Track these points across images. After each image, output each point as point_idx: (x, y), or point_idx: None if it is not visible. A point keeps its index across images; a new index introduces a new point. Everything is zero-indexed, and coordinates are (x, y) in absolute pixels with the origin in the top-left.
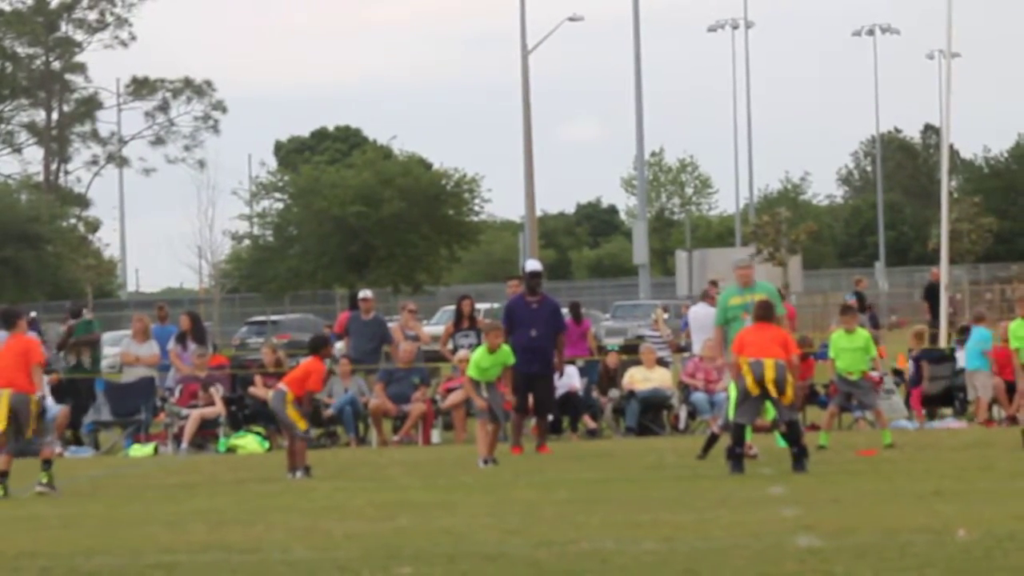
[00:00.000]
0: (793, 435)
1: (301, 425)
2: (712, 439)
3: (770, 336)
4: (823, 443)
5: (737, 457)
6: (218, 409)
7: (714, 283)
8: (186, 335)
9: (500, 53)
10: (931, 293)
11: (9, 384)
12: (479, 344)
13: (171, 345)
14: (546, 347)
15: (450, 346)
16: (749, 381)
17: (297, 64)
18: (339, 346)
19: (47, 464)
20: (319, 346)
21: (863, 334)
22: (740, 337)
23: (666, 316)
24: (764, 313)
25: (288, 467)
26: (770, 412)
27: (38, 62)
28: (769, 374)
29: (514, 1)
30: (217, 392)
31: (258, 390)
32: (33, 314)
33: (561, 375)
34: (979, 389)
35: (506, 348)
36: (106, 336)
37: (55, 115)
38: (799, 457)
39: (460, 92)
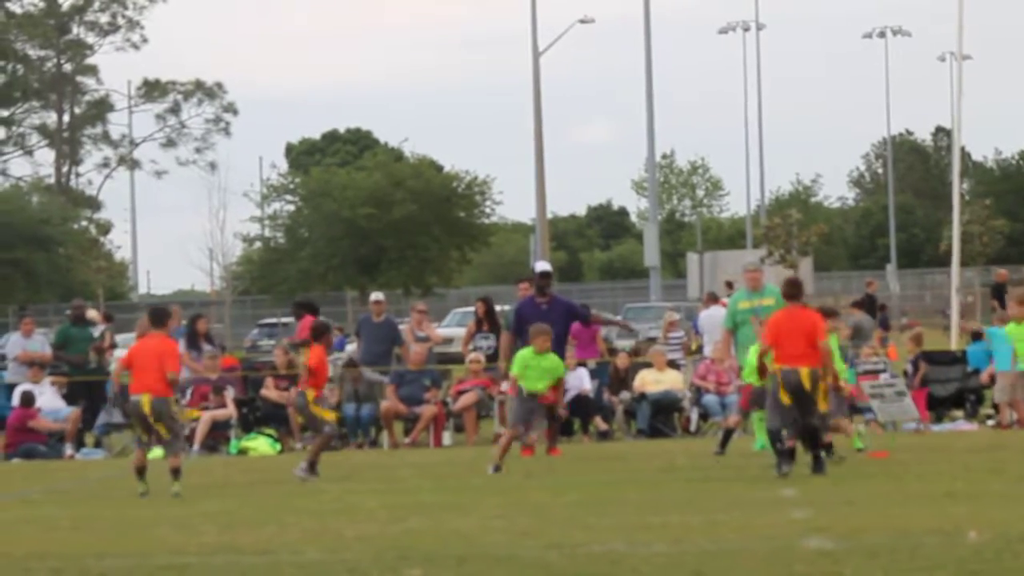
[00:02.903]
0: (813, 439)
1: (328, 417)
2: (728, 434)
3: (803, 333)
4: (859, 446)
5: (785, 453)
6: (229, 411)
7: (729, 284)
8: (199, 338)
9: (511, 55)
10: (998, 292)
11: (148, 389)
12: (496, 345)
13: (182, 348)
14: (557, 347)
15: (471, 347)
16: (783, 393)
17: (308, 66)
18: (350, 348)
19: (176, 473)
20: (321, 333)
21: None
22: (775, 328)
23: (678, 318)
24: (794, 291)
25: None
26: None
27: (49, 64)
28: (806, 384)
29: (525, 3)
30: (229, 394)
31: (270, 392)
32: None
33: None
34: (1007, 391)
35: (555, 359)
36: (118, 338)
37: (66, 117)
38: (818, 459)
39: (471, 94)
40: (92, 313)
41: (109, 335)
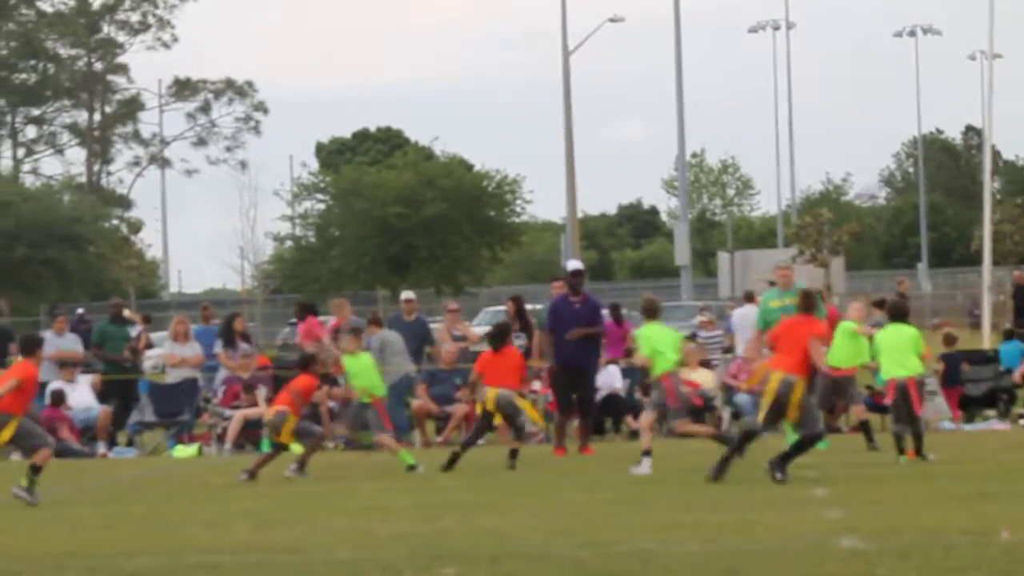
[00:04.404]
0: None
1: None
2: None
3: (803, 344)
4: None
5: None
6: (261, 410)
7: (772, 284)
8: (236, 336)
9: (542, 54)
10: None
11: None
12: (527, 345)
13: (218, 348)
14: (589, 347)
15: None
16: (770, 399)
17: (337, 65)
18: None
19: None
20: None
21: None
22: (779, 335)
23: (711, 318)
24: (808, 303)
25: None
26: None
27: (80, 63)
28: (795, 396)
29: (555, 2)
30: (260, 393)
31: None
32: (80, 311)
33: (597, 371)
34: None
35: None
36: (151, 337)
37: (97, 116)
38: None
39: (501, 93)
40: (129, 312)
41: (145, 336)
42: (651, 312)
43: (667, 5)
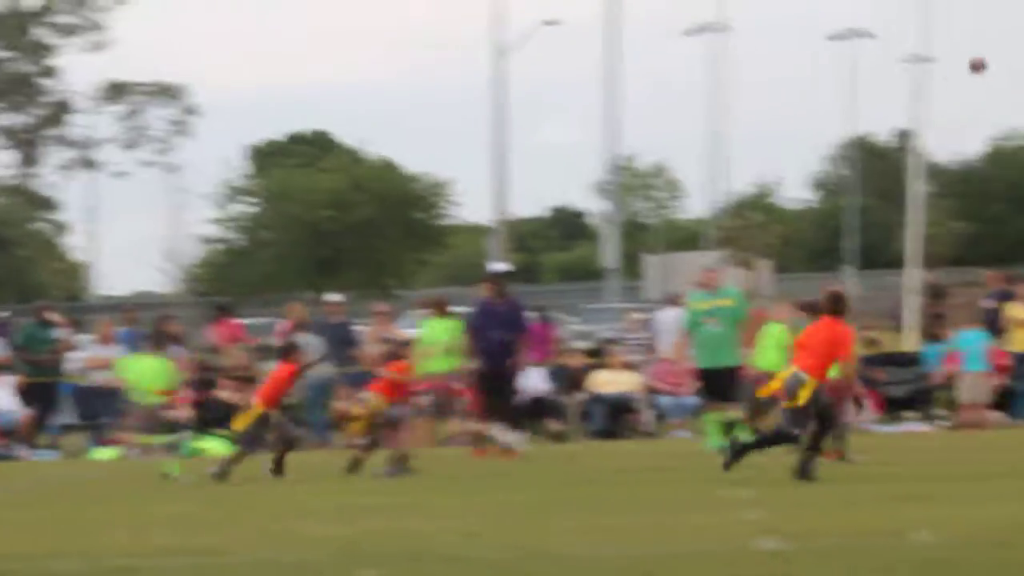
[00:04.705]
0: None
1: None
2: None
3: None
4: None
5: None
6: (183, 412)
7: (700, 286)
8: (166, 338)
9: (472, 56)
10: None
11: None
12: None
13: (145, 350)
14: (509, 349)
15: None
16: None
17: (269, 69)
18: None
19: None
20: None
21: None
22: (803, 339)
23: (640, 319)
24: (834, 307)
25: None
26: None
27: (12, 65)
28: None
29: (487, 5)
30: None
31: (224, 393)
32: (7, 314)
33: (518, 373)
34: (971, 391)
35: None
36: (76, 339)
37: (27, 118)
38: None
39: (430, 94)
40: (54, 315)
41: (70, 339)
42: (440, 308)
43: (596, 7)
